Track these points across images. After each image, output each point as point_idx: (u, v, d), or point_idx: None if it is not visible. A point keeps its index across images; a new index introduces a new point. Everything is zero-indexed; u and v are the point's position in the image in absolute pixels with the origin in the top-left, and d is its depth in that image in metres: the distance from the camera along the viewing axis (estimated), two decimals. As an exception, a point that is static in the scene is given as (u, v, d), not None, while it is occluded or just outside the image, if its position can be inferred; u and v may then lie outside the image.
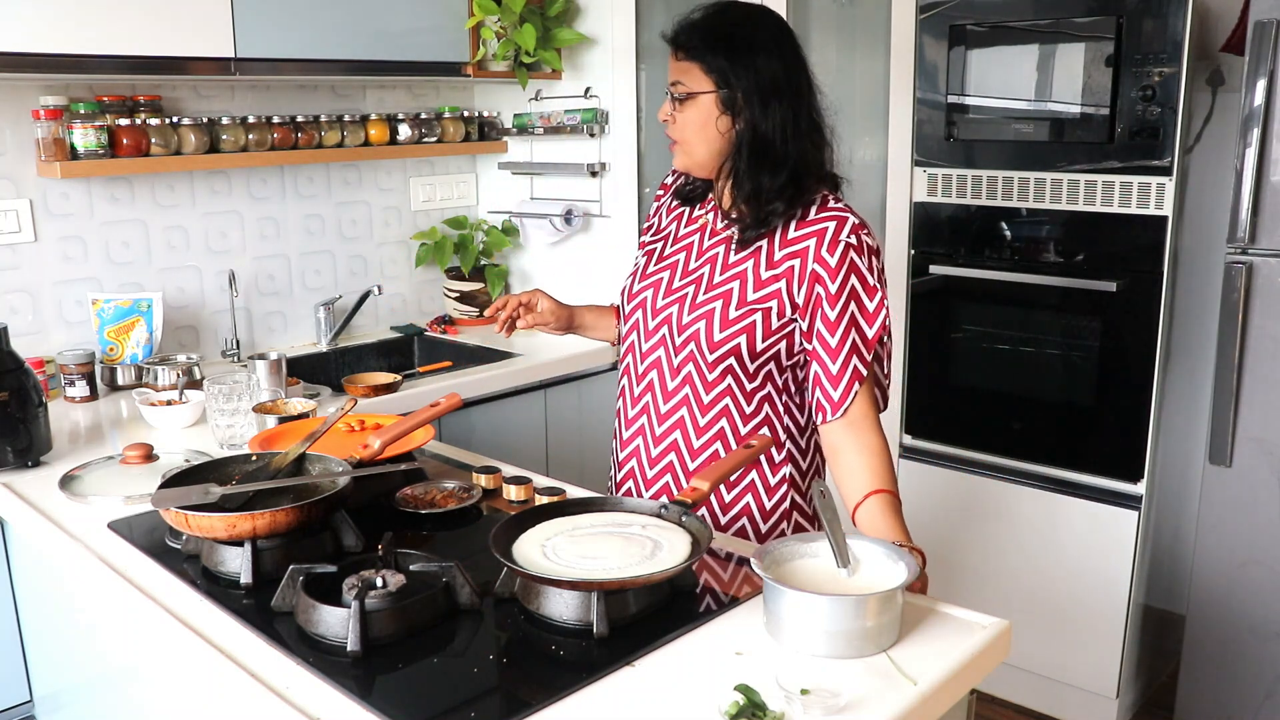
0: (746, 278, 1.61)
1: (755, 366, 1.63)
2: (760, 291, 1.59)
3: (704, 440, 1.66)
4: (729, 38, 1.58)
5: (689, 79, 1.59)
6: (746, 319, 1.59)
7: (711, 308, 1.62)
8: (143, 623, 1.43)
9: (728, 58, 1.57)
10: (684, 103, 1.60)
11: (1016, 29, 2.58)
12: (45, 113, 2.45)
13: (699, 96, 1.58)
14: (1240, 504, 2.36)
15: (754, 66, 1.56)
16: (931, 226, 2.78)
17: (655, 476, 1.71)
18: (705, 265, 1.66)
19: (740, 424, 1.66)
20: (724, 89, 1.57)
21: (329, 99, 3.07)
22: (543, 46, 3.06)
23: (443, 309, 3.47)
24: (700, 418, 1.66)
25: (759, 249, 1.61)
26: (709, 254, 1.67)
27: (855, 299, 1.56)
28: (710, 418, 1.66)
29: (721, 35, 1.58)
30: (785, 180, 1.57)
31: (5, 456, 1.95)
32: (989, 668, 1.27)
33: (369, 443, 1.65)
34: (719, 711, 1.10)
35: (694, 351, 1.63)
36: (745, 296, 1.60)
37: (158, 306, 2.64)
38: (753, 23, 1.60)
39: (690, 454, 1.67)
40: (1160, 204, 2.40)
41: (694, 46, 1.59)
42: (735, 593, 1.38)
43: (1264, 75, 2.18)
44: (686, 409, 1.67)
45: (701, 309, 1.63)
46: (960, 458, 2.82)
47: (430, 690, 1.17)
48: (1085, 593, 2.65)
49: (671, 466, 1.69)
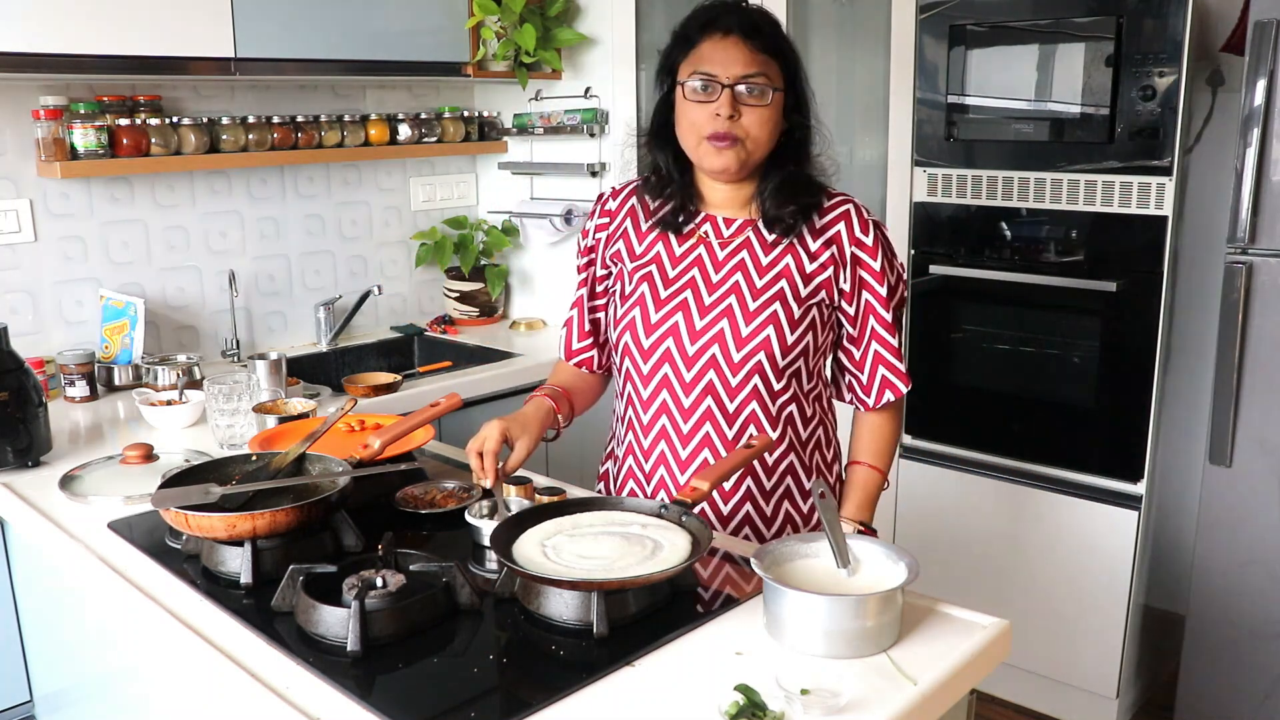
0: (792, 274, 1.58)
1: (813, 366, 1.63)
2: (811, 284, 1.58)
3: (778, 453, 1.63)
4: (788, 41, 1.57)
5: (770, 74, 1.52)
6: (807, 316, 1.58)
7: (773, 310, 1.56)
8: (143, 623, 1.43)
9: (794, 56, 1.57)
10: (757, 97, 1.51)
11: (1016, 29, 2.58)
12: (45, 113, 2.45)
13: (774, 94, 1.53)
14: (1240, 504, 2.36)
15: (801, 67, 1.58)
16: (931, 226, 2.78)
17: (731, 491, 1.64)
18: (735, 274, 1.59)
19: (802, 429, 1.64)
20: (791, 90, 1.56)
21: (329, 99, 3.07)
22: (543, 46, 3.06)
23: (443, 309, 3.47)
24: (771, 430, 1.60)
25: (791, 245, 1.59)
26: (731, 262, 1.60)
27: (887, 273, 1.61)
28: (781, 428, 1.62)
29: (786, 39, 1.57)
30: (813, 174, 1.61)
31: (5, 456, 1.95)
32: (989, 668, 1.27)
33: (369, 443, 1.65)
34: (719, 711, 1.10)
35: (761, 362, 1.56)
36: (799, 292, 1.57)
37: (140, 314, 2.63)
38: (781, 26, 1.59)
39: (766, 473, 1.63)
40: (1160, 204, 2.40)
41: (773, 39, 1.53)
42: (735, 593, 1.38)
43: (1264, 75, 2.18)
44: (754, 425, 1.59)
45: (760, 316, 1.56)
46: (960, 458, 2.82)
47: (430, 690, 1.17)
48: (1085, 593, 2.65)
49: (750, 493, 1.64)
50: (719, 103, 1.51)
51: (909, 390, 1.64)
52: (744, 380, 1.58)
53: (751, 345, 1.56)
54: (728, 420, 1.59)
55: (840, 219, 1.59)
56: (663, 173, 1.64)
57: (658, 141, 1.64)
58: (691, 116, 1.54)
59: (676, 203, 1.64)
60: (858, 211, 1.60)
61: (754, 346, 1.56)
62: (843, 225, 1.59)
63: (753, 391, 1.58)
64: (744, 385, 1.58)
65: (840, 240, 1.58)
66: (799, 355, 1.58)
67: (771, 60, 1.53)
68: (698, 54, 1.53)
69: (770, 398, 1.59)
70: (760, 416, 1.59)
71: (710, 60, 1.52)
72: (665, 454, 1.64)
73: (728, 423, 1.59)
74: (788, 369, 1.58)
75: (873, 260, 1.59)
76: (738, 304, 1.57)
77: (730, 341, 1.57)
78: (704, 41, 1.53)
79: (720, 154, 1.53)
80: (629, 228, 1.70)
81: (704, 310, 1.59)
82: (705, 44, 1.53)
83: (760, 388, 1.58)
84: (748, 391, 1.58)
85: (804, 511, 1.67)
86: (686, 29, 1.57)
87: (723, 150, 1.53)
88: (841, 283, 1.59)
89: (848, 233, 1.59)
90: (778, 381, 1.58)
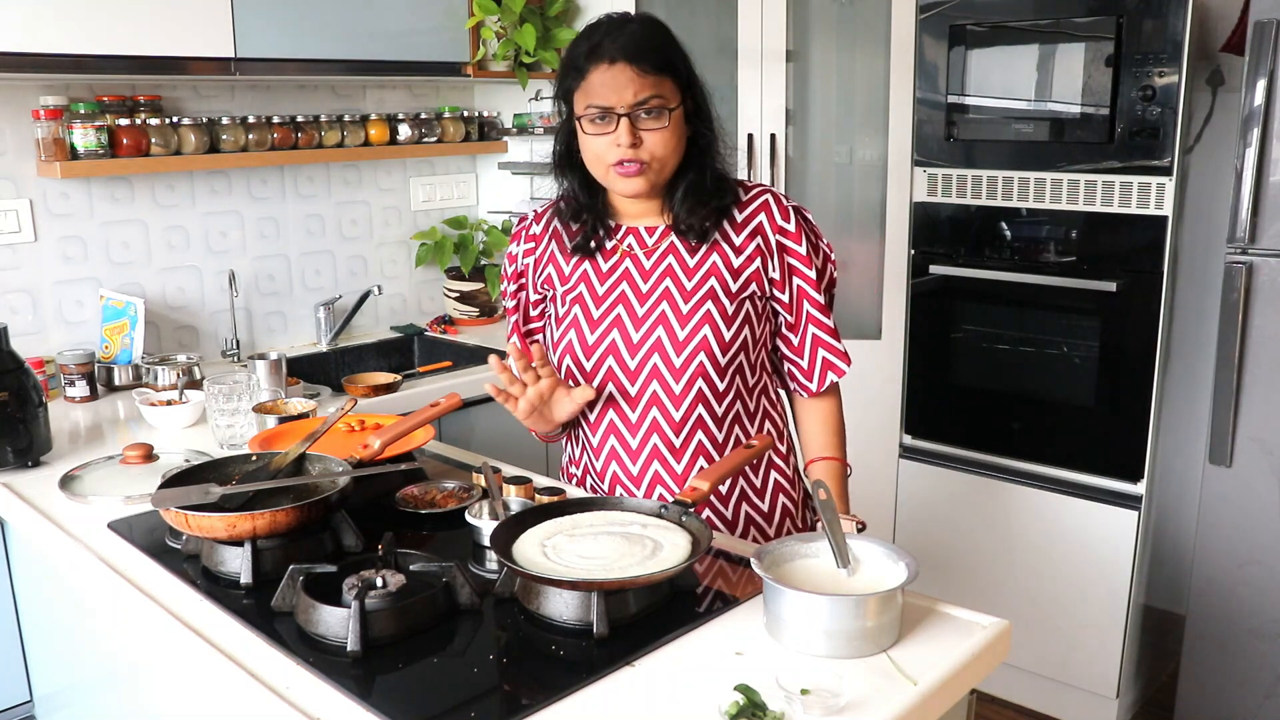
0: (720, 271, 1.59)
1: (754, 360, 1.63)
2: (740, 278, 1.59)
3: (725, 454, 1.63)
4: (677, 48, 1.56)
5: (665, 93, 1.51)
6: (741, 311, 1.59)
7: (706, 310, 1.57)
8: (143, 623, 1.43)
9: (687, 68, 1.56)
10: (655, 119, 1.50)
11: (1016, 29, 2.58)
12: (45, 113, 2.45)
13: (674, 112, 1.52)
14: (1240, 504, 2.36)
15: (694, 73, 1.57)
16: (931, 226, 2.78)
17: None
18: (665, 280, 1.59)
19: (749, 424, 1.65)
20: (688, 101, 1.56)
21: (329, 99, 3.07)
22: (543, 46, 3.06)
23: (443, 309, 3.47)
24: (718, 431, 1.61)
25: (716, 243, 1.60)
26: (659, 270, 1.60)
27: (814, 254, 1.63)
28: (727, 429, 1.62)
29: (674, 46, 1.56)
30: (723, 172, 1.62)
31: (5, 456, 1.95)
32: (989, 668, 1.27)
33: (369, 443, 1.65)
34: (719, 711, 1.10)
35: (703, 363, 1.57)
36: (730, 288, 1.59)
37: (140, 314, 2.63)
38: (669, 33, 1.58)
39: None
40: (1160, 204, 2.40)
41: (660, 55, 1.52)
42: (735, 593, 1.38)
43: (1264, 75, 2.18)
44: (702, 430, 1.60)
45: (694, 318, 1.57)
46: (960, 458, 2.82)
47: (430, 690, 1.17)
48: (1085, 593, 2.65)
49: None
50: (618, 132, 1.50)
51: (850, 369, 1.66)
52: (687, 385, 1.58)
53: (690, 348, 1.57)
54: (674, 429, 1.60)
55: (760, 209, 1.61)
56: (574, 198, 1.64)
57: (565, 168, 1.64)
58: (594, 148, 1.54)
59: (590, 227, 1.64)
60: (776, 200, 1.62)
61: (693, 349, 1.57)
62: (764, 216, 1.61)
63: (697, 396, 1.59)
64: (688, 391, 1.58)
65: (764, 230, 1.60)
66: (739, 350, 1.59)
67: (664, 78, 1.51)
68: (588, 85, 1.52)
69: (715, 399, 1.60)
70: (706, 420, 1.60)
71: (601, 93, 1.50)
72: (617, 472, 1.65)
73: (674, 431, 1.60)
74: (729, 366, 1.59)
75: (798, 245, 1.61)
76: (670, 310, 1.58)
77: (669, 348, 1.57)
78: (592, 71, 1.51)
79: (629, 180, 1.54)
80: (555, 250, 1.69)
81: (638, 322, 1.60)
82: (594, 74, 1.51)
83: (705, 390, 1.59)
84: (692, 397, 1.58)
85: (764, 510, 1.68)
86: (574, 58, 1.54)
87: (631, 177, 1.53)
88: (771, 272, 1.61)
89: (769, 222, 1.61)
90: (721, 380, 1.59)
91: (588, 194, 1.63)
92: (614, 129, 1.50)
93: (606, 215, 1.64)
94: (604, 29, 1.52)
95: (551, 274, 1.69)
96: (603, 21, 1.55)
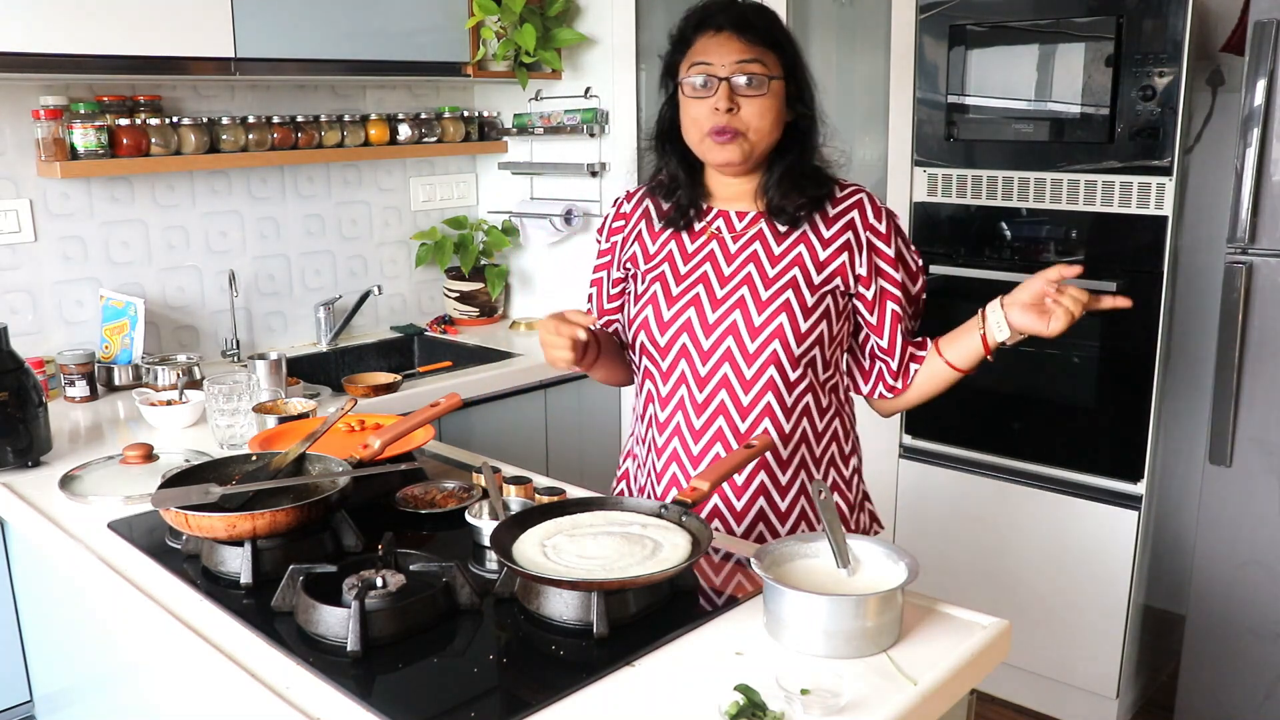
0: (804, 262, 1.59)
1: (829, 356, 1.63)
2: (824, 272, 1.59)
3: (791, 446, 1.62)
4: (785, 31, 1.59)
5: (767, 62, 1.53)
6: (821, 305, 1.59)
7: (785, 299, 1.57)
8: (143, 623, 1.43)
9: (793, 47, 1.58)
10: (754, 88, 1.52)
11: (1016, 29, 2.58)
12: (45, 113, 2.46)
13: (773, 83, 1.53)
14: (1240, 504, 2.36)
15: (801, 58, 1.59)
16: (931, 226, 2.78)
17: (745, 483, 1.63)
18: (748, 265, 1.60)
19: (818, 418, 1.64)
20: (791, 80, 1.57)
21: (329, 99, 3.07)
22: (543, 46, 3.06)
23: (443, 309, 3.47)
24: (785, 421, 1.60)
25: (804, 233, 1.60)
26: (744, 254, 1.61)
27: (904, 263, 1.63)
28: (795, 420, 1.61)
29: (781, 28, 1.58)
30: (822, 164, 1.63)
31: (5, 456, 1.95)
32: (989, 668, 1.27)
33: (369, 443, 1.65)
34: (719, 711, 1.10)
35: (776, 351, 1.57)
36: (812, 280, 1.58)
37: (140, 314, 2.64)
38: (778, 18, 1.61)
39: (780, 466, 1.63)
40: (1160, 204, 2.40)
41: (767, 31, 1.54)
42: (735, 593, 1.38)
43: (1264, 75, 2.18)
44: (770, 418, 1.60)
45: (772, 305, 1.57)
46: (960, 458, 2.82)
47: (430, 690, 1.17)
48: (1085, 593, 2.65)
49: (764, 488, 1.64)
50: (717, 97, 1.52)
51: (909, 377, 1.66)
52: (759, 371, 1.58)
53: (765, 334, 1.57)
54: (741, 414, 1.60)
55: (854, 207, 1.61)
56: (671, 174, 1.67)
57: (665, 143, 1.66)
58: (692, 113, 1.56)
59: (685, 202, 1.66)
60: (871, 200, 1.62)
61: (768, 335, 1.57)
62: (856, 213, 1.61)
63: (768, 383, 1.58)
64: (759, 376, 1.58)
65: (855, 226, 1.60)
66: (814, 344, 1.59)
67: (768, 51, 1.54)
68: (693, 51, 1.56)
69: (786, 388, 1.59)
70: (775, 408, 1.59)
71: (705, 53, 1.54)
72: (678, 450, 1.65)
73: (740, 416, 1.60)
74: (803, 358, 1.59)
75: (886, 246, 1.61)
76: (750, 294, 1.58)
77: (744, 332, 1.58)
78: (699, 39, 1.56)
79: (723, 148, 1.54)
80: (643, 229, 1.72)
81: (716, 303, 1.60)
82: (700, 40, 1.56)
83: (776, 378, 1.58)
84: (763, 383, 1.58)
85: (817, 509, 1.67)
86: (682, 29, 1.60)
87: (725, 144, 1.54)
88: (858, 268, 1.60)
89: (861, 218, 1.61)
90: (793, 370, 1.58)
91: (686, 171, 1.65)
92: (713, 93, 1.52)
93: (701, 196, 1.66)
94: (715, 4, 1.57)
95: (636, 252, 1.71)
96: (712, 0, 1.59)
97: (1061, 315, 1.48)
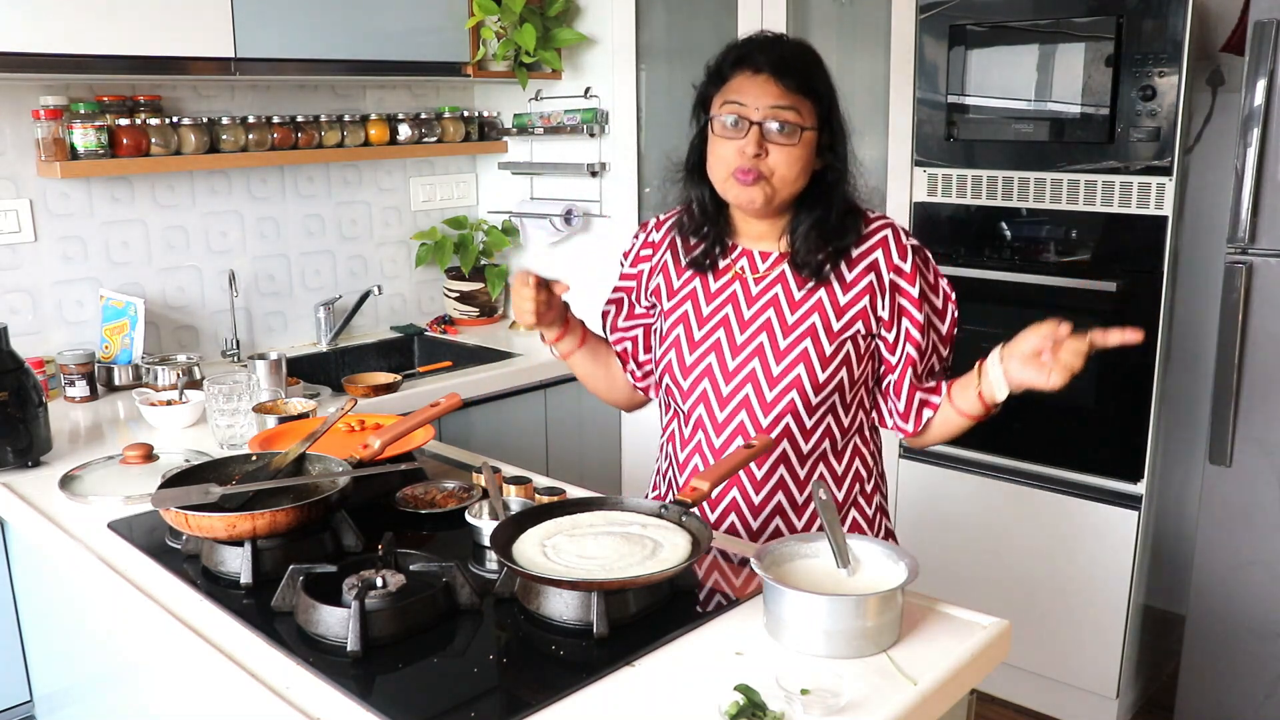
0: (825, 309, 1.56)
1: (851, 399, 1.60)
2: (844, 318, 1.56)
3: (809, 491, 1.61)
4: (824, 77, 1.54)
5: (802, 111, 1.49)
6: (840, 352, 1.56)
7: (803, 348, 1.55)
8: (143, 623, 1.43)
9: (830, 98, 1.54)
10: (786, 135, 1.48)
11: (1016, 29, 2.58)
12: (45, 113, 2.46)
13: (805, 134, 1.50)
14: (1240, 504, 2.36)
15: (837, 107, 1.55)
16: (931, 226, 2.78)
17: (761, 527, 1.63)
18: (768, 310, 1.58)
19: (835, 462, 1.63)
20: (825, 129, 1.53)
21: (329, 99, 3.07)
22: (543, 46, 3.06)
23: (443, 309, 3.47)
24: (800, 467, 1.60)
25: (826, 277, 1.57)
26: (765, 298, 1.59)
27: (929, 300, 1.59)
28: (810, 465, 1.61)
29: (821, 74, 1.54)
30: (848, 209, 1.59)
31: (5, 456, 1.95)
32: (989, 668, 1.27)
33: (369, 443, 1.65)
34: (719, 711, 1.10)
35: (793, 401, 1.55)
36: (831, 327, 1.56)
37: (140, 314, 2.63)
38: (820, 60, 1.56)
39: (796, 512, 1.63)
40: (1160, 204, 2.40)
41: (805, 78, 1.50)
42: (735, 593, 1.38)
43: (1264, 75, 2.18)
44: (784, 465, 1.59)
45: (790, 355, 1.55)
46: (961, 458, 2.82)
47: (430, 690, 1.17)
48: (1085, 593, 2.64)
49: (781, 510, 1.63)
50: (747, 140, 1.49)
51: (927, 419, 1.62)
52: (775, 420, 1.57)
53: (783, 384, 1.55)
54: (756, 461, 1.58)
55: (878, 245, 1.57)
56: (701, 206, 1.63)
57: (694, 178, 1.62)
58: (720, 151, 1.53)
59: (709, 243, 1.63)
60: (896, 237, 1.58)
61: (786, 385, 1.55)
62: (880, 253, 1.57)
63: (784, 431, 1.57)
64: (774, 425, 1.57)
65: (879, 267, 1.57)
66: (832, 391, 1.57)
67: (804, 99, 1.50)
68: (727, 88, 1.52)
69: (803, 436, 1.58)
70: (790, 455, 1.59)
71: (740, 92, 1.50)
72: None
73: (756, 463, 1.59)
74: (820, 405, 1.57)
75: (910, 286, 1.57)
76: (769, 343, 1.57)
77: (762, 381, 1.56)
78: (735, 77, 1.52)
79: (745, 190, 1.51)
80: (669, 261, 1.70)
81: (736, 350, 1.59)
82: (736, 79, 1.52)
83: (792, 425, 1.57)
84: (779, 431, 1.57)
85: None
86: (720, 64, 1.55)
87: (747, 186, 1.51)
88: (880, 310, 1.57)
89: (885, 260, 1.57)
90: (809, 417, 1.57)
91: (714, 205, 1.61)
92: (744, 135, 1.49)
93: (726, 233, 1.63)
94: (756, 43, 1.53)
95: (660, 285, 1.70)
96: (755, 36, 1.54)
97: (1061, 370, 1.43)
